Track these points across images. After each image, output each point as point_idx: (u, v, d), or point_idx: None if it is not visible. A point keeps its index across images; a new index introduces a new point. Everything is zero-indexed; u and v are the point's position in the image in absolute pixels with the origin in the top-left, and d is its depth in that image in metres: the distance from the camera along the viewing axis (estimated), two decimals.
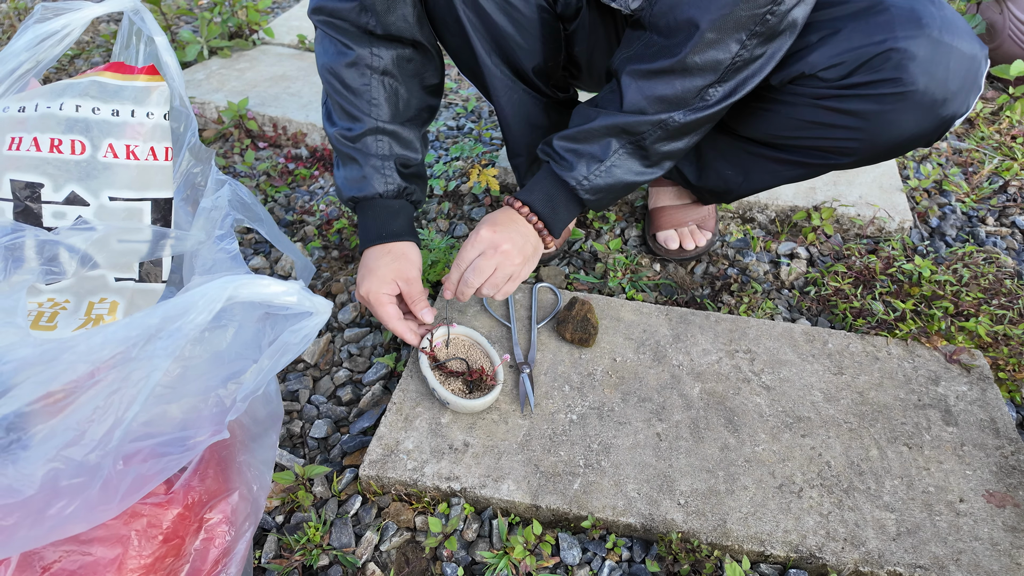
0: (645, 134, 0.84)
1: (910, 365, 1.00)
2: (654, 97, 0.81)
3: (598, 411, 0.92)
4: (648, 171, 0.89)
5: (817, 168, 0.97)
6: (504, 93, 1.03)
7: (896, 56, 0.77)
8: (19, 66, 0.71)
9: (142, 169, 0.75)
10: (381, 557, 0.82)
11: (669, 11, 0.78)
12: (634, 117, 0.83)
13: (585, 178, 0.88)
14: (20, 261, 0.66)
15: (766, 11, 0.74)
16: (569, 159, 0.88)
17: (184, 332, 0.49)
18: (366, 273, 0.95)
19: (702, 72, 0.78)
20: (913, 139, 0.84)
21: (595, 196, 0.90)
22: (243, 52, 1.98)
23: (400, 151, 0.97)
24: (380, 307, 0.93)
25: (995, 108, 1.73)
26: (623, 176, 0.88)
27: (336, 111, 0.96)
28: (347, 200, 0.98)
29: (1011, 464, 0.87)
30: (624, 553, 0.82)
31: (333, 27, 0.92)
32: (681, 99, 0.81)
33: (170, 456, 0.54)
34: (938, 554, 0.77)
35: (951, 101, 0.80)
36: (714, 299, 1.20)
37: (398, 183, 0.97)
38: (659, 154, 0.87)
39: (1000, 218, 1.42)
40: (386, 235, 0.96)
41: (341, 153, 0.96)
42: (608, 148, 0.86)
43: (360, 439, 0.95)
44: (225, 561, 0.63)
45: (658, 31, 0.80)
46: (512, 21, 0.95)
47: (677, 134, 0.84)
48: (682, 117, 0.82)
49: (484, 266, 0.89)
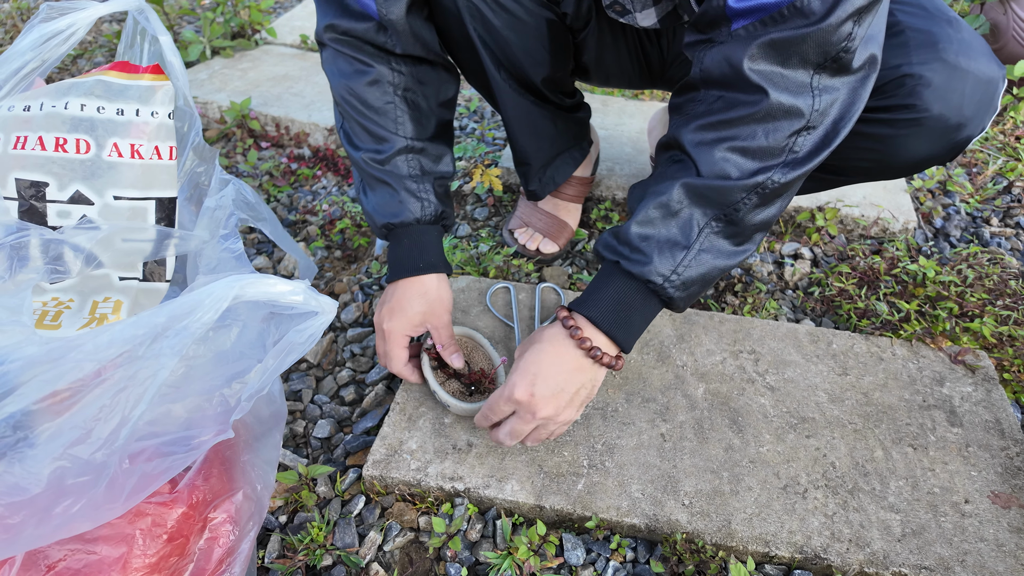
0: (739, 204, 0.69)
1: (915, 366, 1.00)
2: (735, 149, 0.68)
3: (602, 411, 0.92)
4: (741, 250, 0.73)
5: (828, 183, 0.95)
6: (512, 105, 1.03)
7: (910, 82, 0.75)
8: (24, 65, 0.72)
9: (146, 168, 0.75)
10: (385, 557, 0.82)
11: (724, 59, 0.68)
12: (719, 182, 0.68)
13: (673, 272, 0.71)
14: (25, 260, 0.66)
15: (839, 49, 0.64)
16: (646, 250, 0.72)
17: (191, 331, 0.49)
18: (395, 310, 0.88)
19: (787, 116, 0.66)
20: (926, 161, 0.83)
21: (686, 292, 0.73)
22: (246, 52, 1.98)
23: (433, 167, 0.92)
24: (394, 347, 0.89)
25: (999, 109, 1.73)
26: (715, 262, 0.72)
27: (358, 133, 0.90)
28: (380, 227, 0.91)
29: (1016, 465, 0.87)
30: (628, 554, 0.81)
31: (348, 45, 0.87)
32: (767, 151, 0.68)
33: (175, 455, 0.54)
34: (943, 555, 0.77)
35: (966, 126, 0.78)
36: (718, 299, 1.20)
37: (436, 206, 0.91)
38: (752, 226, 0.72)
39: (1004, 219, 1.42)
40: (422, 266, 0.89)
41: (371, 178, 0.90)
42: (691, 228, 0.71)
43: (363, 439, 0.95)
44: (229, 560, 0.63)
45: (716, 84, 0.70)
46: (520, 35, 0.94)
47: (773, 197, 0.70)
48: (780, 176, 0.68)
49: (521, 430, 0.77)
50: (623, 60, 1.07)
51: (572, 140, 1.18)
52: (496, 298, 1.09)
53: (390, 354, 0.89)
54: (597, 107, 1.67)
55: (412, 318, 0.88)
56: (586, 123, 1.22)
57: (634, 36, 1.04)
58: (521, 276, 1.21)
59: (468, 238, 1.34)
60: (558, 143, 1.15)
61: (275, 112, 1.68)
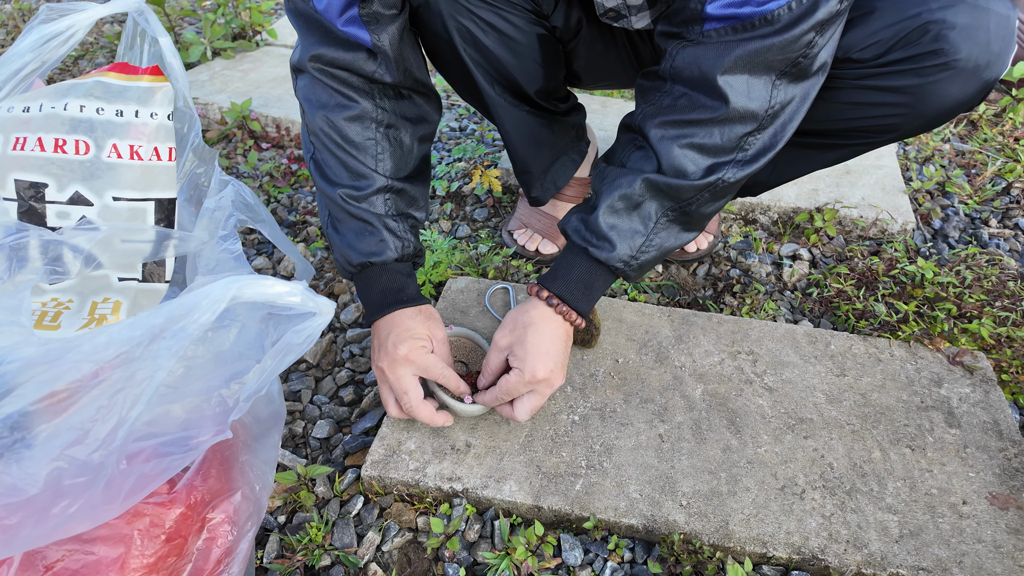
0: (692, 200, 0.78)
1: (913, 367, 1.00)
2: (692, 145, 0.75)
3: (600, 412, 0.92)
4: (690, 235, 0.83)
5: (857, 148, 0.94)
6: (508, 117, 1.03)
7: (935, 27, 0.76)
8: (24, 66, 0.72)
9: (146, 169, 0.75)
10: (383, 557, 0.82)
11: (695, 62, 0.73)
12: (678, 181, 0.76)
13: (632, 257, 0.81)
14: (24, 261, 0.66)
15: (798, 55, 0.70)
16: (612, 239, 0.80)
17: (188, 332, 0.49)
18: (399, 340, 0.83)
19: (742, 120, 0.73)
20: (958, 107, 0.82)
21: (641, 272, 0.84)
22: (246, 53, 1.98)
23: (408, 210, 0.91)
24: (408, 380, 0.83)
25: (998, 110, 1.73)
26: (665, 243, 0.81)
27: (334, 168, 0.87)
28: (355, 265, 0.88)
29: (1014, 466, 0.87)
30: (626, 554, 0.82)
31: (332, 76, 0.85)
32: (721, 148, 0.75)
33: (173, 456, 0.54)
34: (941, 556, 0.77)
35: (994, 64, 0.78)
36: (716, 300, 1.20)
37: (414, 244, 0.90)
38: (702, 216, 0.81)
39: (1003, 220, 1.42)
40: (405, 299, 0.87)
41: (346, 215, 0.87)
42: (649, 218, 0.79)
43: (362, 439, 0.95)
44: (227, 561, 0.63)
45: (683, 82, 0.76)
46: (512, 53, 0.95)
47: (723, 193, 0.79)
48: (731, 176, 0.76)
49: (537, 404, 0.83)
50: (615, 64, 1.07)
51: (570, 143, 1.18)
52: (495, 299, 1.09)
53: (406, 388, 0.83)
54: (597, 108, 1.67)
55: (419, 336, 0.84)
56: (582, 125, 1.22)
57: (624, 38, 1.04)
58: (520, 277, 1.21)
59: (467, 239, 1.34)
60: (556, 148, 1.15)
61: (276, 113, 1.68)
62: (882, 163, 1.48)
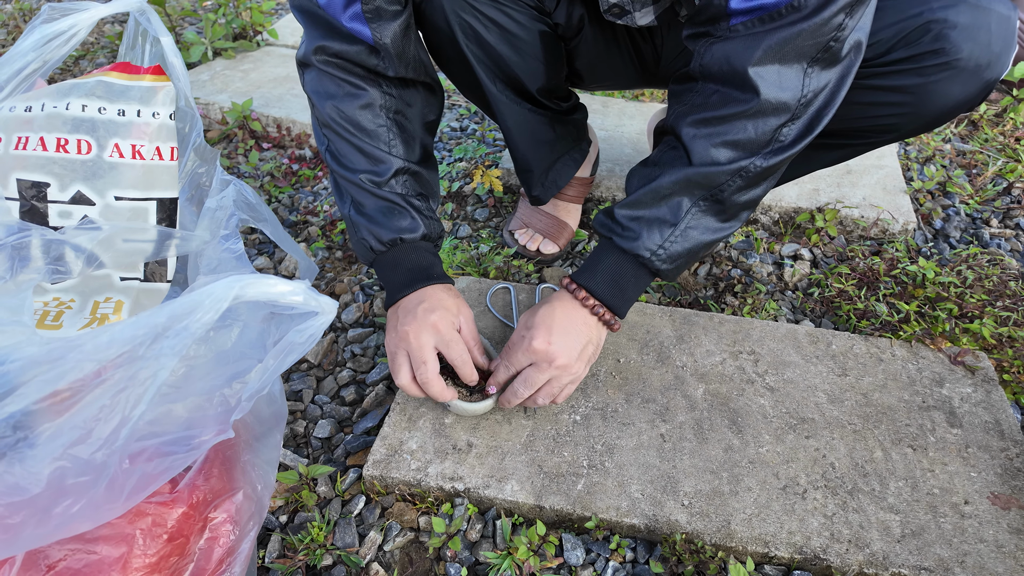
0: (723, 185, 0.76)
1: (914, 367, 1.00)
2: (726, 143, 0.74)
3: (602, 412, 0.92)
4: (726, 226, 0.81)
5: (858, 148, 0.94)
6: (510, 115, 1.03)
7: (936, 27, 0.76)
8: (26, 66, 0.72)
9: (148, 169, 0.75)
10: (385, 557, 0.82)
11: (724, 57, 0.72)
12: (708, 168, 0.75)
13: (660, 247, 0.79)
14: (26, 260, 0.66)
15: (829, 39, 0.69)
16: (635, 228, 0.79)
17: (191, 331, 0.49)
18: (430, 309, 0.83)
19: (776, 112, 0.72)
20: (959, 106, 0.83)
21: (673, 265, 0.80)
22: (247, 53, 1.99)
23: (425, 192, 0.92)
24: (425, 364, 0.82)
25: (999, 110, 1.73)
26: (701, 237, 0.79)
27: (351, 156, 0.88)
28: (385, 243, 0.88)
29: (1016, 466, 0.87)
30: (628, 554, 0.82)
31: (339, 68, 0.86)
32: (755, 143, 0.74)
33: (175, 455, 0.54)
34: (943, 556, 0.77)
35: (995, 64, 0.78)
36: (718, 300, 1.20)
37: (440, 225, 0.92)
38: (737, 205, 0.78)
39: (1004, 220, 1.42)
40: (435, 276, 0.88)
41: (371, 197, 0.87)
42: (679, 209, 0.78)
43: (364, 439, 0.95)
44: (229, 560, 0.63)
45: (714, 79, 0.75)
46: (515, 49, 0.95)
47: (757, 180, 0.77)
48: (762, 162, 0.74)
49: (536, 379, 0.82)
50: (617, 62, 1.07)
51: (571, 142, 1.18)
52: (496, 299, 1.09)
53: (425, 358, 0.81)
54: (597, 108, 1.67)
55: (451, 309, 0.85)
56: (583, 124, 1.22)
57: (626, 37, 1.04)
58: (521, 277, 1.21)
59: (468, 239, 1.34)
60: (558, 147, 1.15)
61: (276, 113, 1.68)
62: (883, 163, 1.48)
